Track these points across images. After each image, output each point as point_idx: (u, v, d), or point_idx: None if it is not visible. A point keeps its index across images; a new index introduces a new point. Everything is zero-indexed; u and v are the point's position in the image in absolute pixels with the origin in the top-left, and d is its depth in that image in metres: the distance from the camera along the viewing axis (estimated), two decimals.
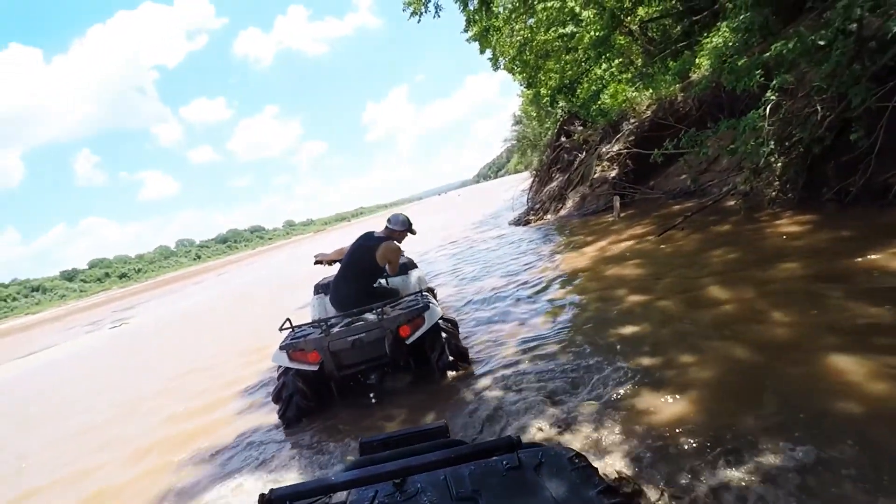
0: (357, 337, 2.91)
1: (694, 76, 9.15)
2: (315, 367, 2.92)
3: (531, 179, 23.66)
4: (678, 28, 13.76)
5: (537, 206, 11.83)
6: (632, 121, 10.01)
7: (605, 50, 14.13)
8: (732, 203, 5.70)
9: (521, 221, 11.33)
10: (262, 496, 0.73)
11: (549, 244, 7.68)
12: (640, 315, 3.40)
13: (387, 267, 3.44)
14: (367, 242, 3.45)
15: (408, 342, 2.98)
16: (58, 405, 6.07)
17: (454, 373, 3.20)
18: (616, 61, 16.17)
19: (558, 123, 13.71)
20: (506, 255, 7.77)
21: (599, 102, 12.97)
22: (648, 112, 9.76)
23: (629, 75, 16.97)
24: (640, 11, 14.26)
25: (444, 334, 3.22)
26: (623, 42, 15.00)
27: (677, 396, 2.22)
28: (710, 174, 7.43)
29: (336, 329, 2.98)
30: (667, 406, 2.17)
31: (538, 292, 4.89)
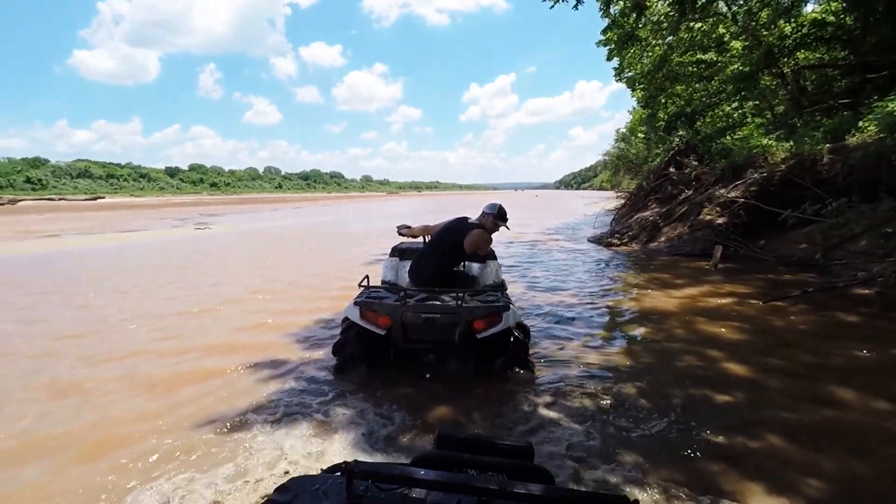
0: (431, 316, 2.87)
1: (852, 140, 8.03)
2: (382, 332, 2.92)
3: (620, 201, 22.53)
4: (843, 82, 12.14)
5: (624, 230, 11.17)
6: (760, 170, 9.03)
7: (745, 87, 12.84)
8: (867, 292, 4.96)
9: (604, 242, 10.77)
10: (346, 465, 0.68)
11: (631, 274, 7.22)
12: (733, 384, 3.04)
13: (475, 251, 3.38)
14: (460, 226, 3.40)
15: (479, 336, 2.89)
16: (144, 282, 6.69)
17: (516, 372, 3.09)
18: (750, 103, 14.68)
19: (670, 152, 12.75)
20: (582, 272, 7.42)
21: (725, 140, 11.89)
22: (782, 166, 8.74)
23: (762, 120, 15.42)
24: (801, 55, 12.75)
25: (515, 339, 3.11)
26: (769, 84, 13.53)
27: None
28: (841, 252, 6.53)
29: (412, 301, 2.96)
30: None
31: (614, 321, 4.59)
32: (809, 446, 2.28)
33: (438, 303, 2.98)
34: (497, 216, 3.40)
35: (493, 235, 3.47)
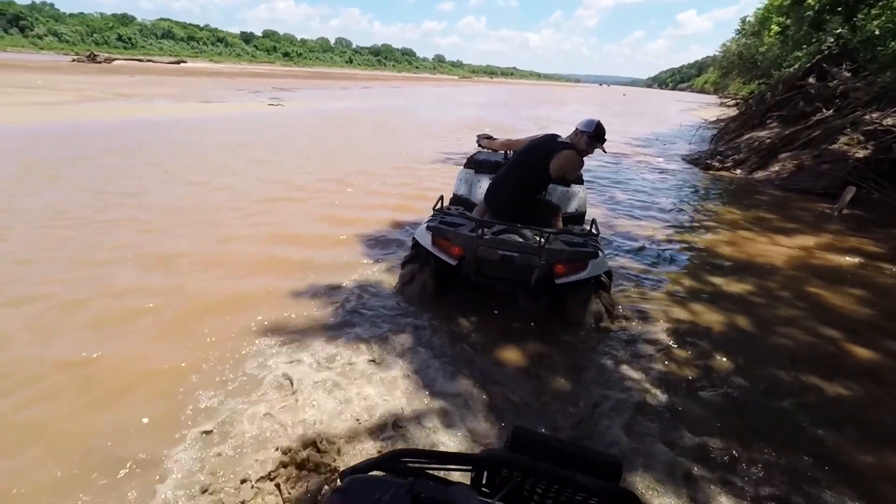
0: (509, 254, 2.58)
1: None
2: (454, 262, 2.70)
3: (726, 111, 19.34)
4: None
5: (729, 151, 9.64)
6: None
7: None
8: None
9: (701, 163, 9.43)
10: (408, 476, 0.62)
11: (732, 208, 6.30)
12: (849, 373, 2.59)
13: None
14: (549, 144, 2.91)
15: (557, 281, 2.60)
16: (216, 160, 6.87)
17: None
18: None
19: (816, 57, 10.22)
20: (673, 198, 6.59)
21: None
22: None
23: None
24: None
25: (598, 288, 2.80)
26: None
27: None
28: None
29: (489, 234, 2.65)
30: None
31: (706, 269, 4.05)
32: None
33: (519, 238, 2.67)
34: (594, 136, 2.88)
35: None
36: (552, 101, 35.69)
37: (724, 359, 2.66)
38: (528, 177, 2.97)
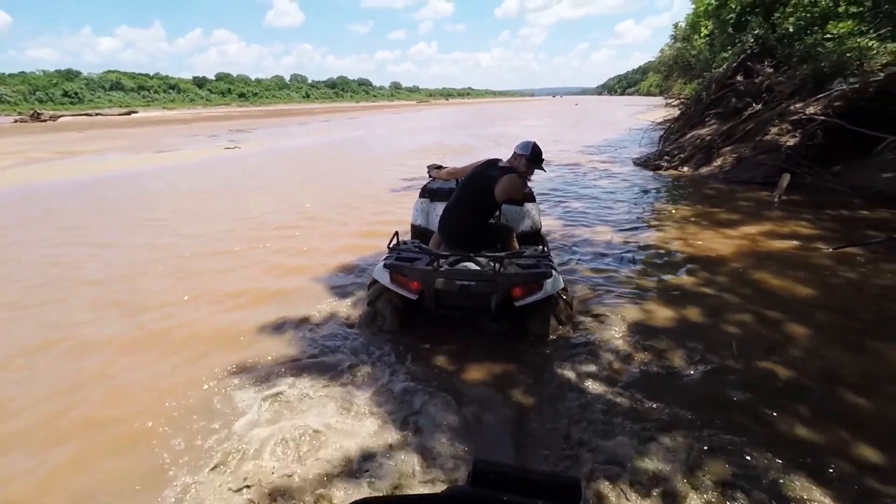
0: (465, 283, 2.65)
1: None
2: (414, 297, 2.75)
3: (671, 111, 20.38)
4: None
5: (675, 151, 10.16)
6: (851, 80, 7.68)
7: None
8: None
9: (650, 164, 9.89)
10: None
11: (681, 205, 6.62)
12: (796, 358, 2.74)
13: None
14: (489, 172, 3.01)
15: (516, 304, 2.68)
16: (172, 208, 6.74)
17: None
18: None
19: (740, 56, 10.99)
20: (626, 202, 6.87)
21: (810, 40, 10.08)
22: (881, 74, 7.38)
23: (858, 9, 12.87)
24: None
25: (555, 304, 2.87)
26: None
27: None
28: None
29: (445, 266, 2.71)
30: None
31: (659, 267, 4.24)
32: (891, 449, 2.03)
33: (474, 267, 2.74)
34: (531, 159, 3.00)
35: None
36: (507, 117, 36.76)
37: (679, 353, 2.78)
38: (476, 204, 3.04)
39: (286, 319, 3.26)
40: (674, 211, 6.34)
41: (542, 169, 3.11)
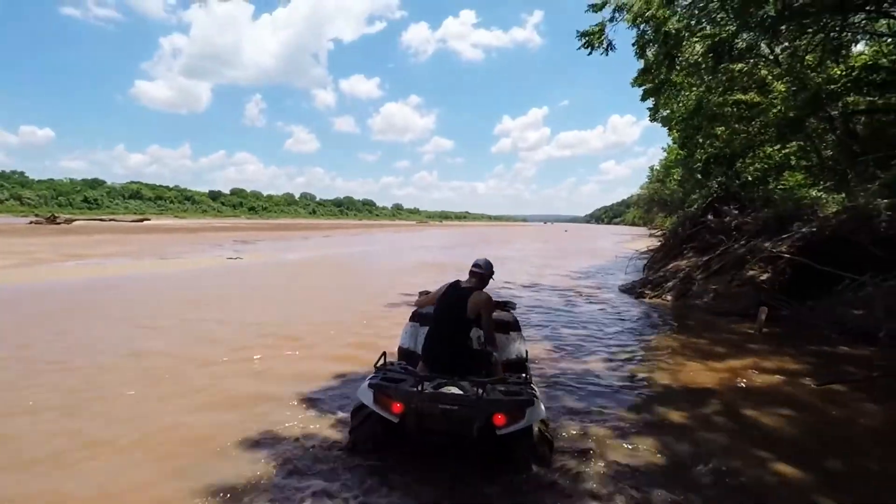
0: (448, 407, 2.63)
1: None
2: (395, 420, 2.69)
3: (653, 241, 21.76)
4: None
5: (658, 280, 10.63)
6: (809, 223, 8.44)
7: (790, 131, 12.23)
8: None
9: (635, 292, 10.26)
10: None
11: (665, 335, 6.73)
12: (785, 499, 2.60)
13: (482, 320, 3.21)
14: (457, 293, 3.22)
15: (498, 433, 2.61)
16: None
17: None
18: (794, 144, 13.92)
19: (708, 199, 12.22)
20: (612, 329, 6.98)
21: (768, 188, 11.31)
22: (833, 220, 8.15)
23: (807, 163, 14.58)
24: (850, 99, 12.08)
25: (537, 436, 2.82)
26: (815, 127, 12.85)
27: None
28: None
29: (429, 388, 2.73)
30: None
31: (645, 400, 4.17)
32: None
33: (458, 391, 2.73)
34: (488, 270, 3.35)
35: (521, 276, 3.30)
36: (502, 240, 38.82)
37: (662, 494, 2.63)
38: (453, 329, 3.16)
39: (265, 433, 3.11)
40: (659, 341, 6.43)
41: (493, 278, 3.43)
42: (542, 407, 2.82)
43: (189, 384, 4.20)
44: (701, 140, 14.98)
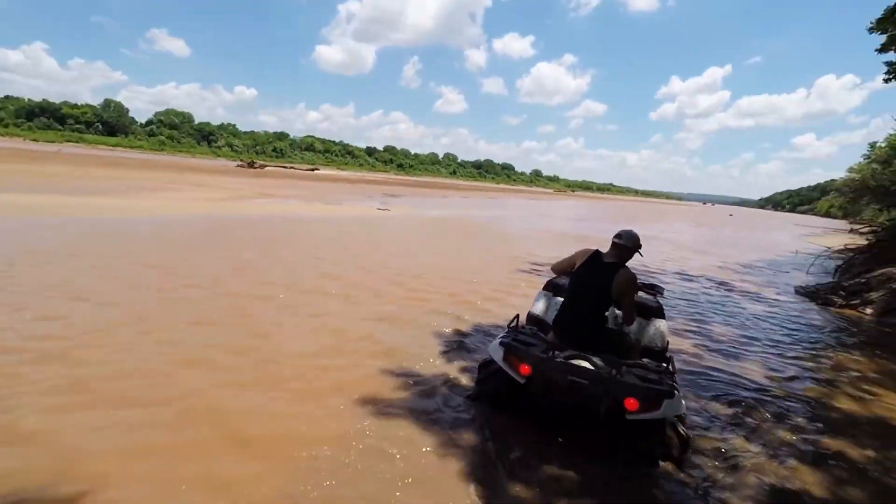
0: (577, 380, 2.59)
1: None
2: (521, 381, 2.76)
3: (856, 240, 17.32)
4: None
5: (856, 287, 8.54)
6: None
7: None
8: None
9: (818, 298, 8.44)
10: None
11: (858, 356, 5.43)
12: None
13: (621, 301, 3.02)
14: (600, 267, 3.02)
15: (628, 417, 2.50)
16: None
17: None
18: None
19: None
20: (780, 335, 5.93)
21: None
22: None
23: None
24: None
25: (671, 432, 2.63)
26: None
27: None
28: None
29: (560, 357, 2.72)
30: None
31: (814, 426, 3.49)
32: None
33: (589, 366, 2.67)
34: (632, 246, 3.11)
35: (671, 263, 3.06)
36: (649, 218, 35.17)
37: None
38: (594, 305, 3.02)
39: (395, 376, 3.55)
40: (846, 360, 5.25)
41: (640, 254, 3.21)
42: (683, 402, 2.60)
43: (363, 306, 4.91)
44: None
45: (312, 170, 67.17)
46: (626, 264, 3.08)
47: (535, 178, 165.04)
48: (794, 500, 2.53)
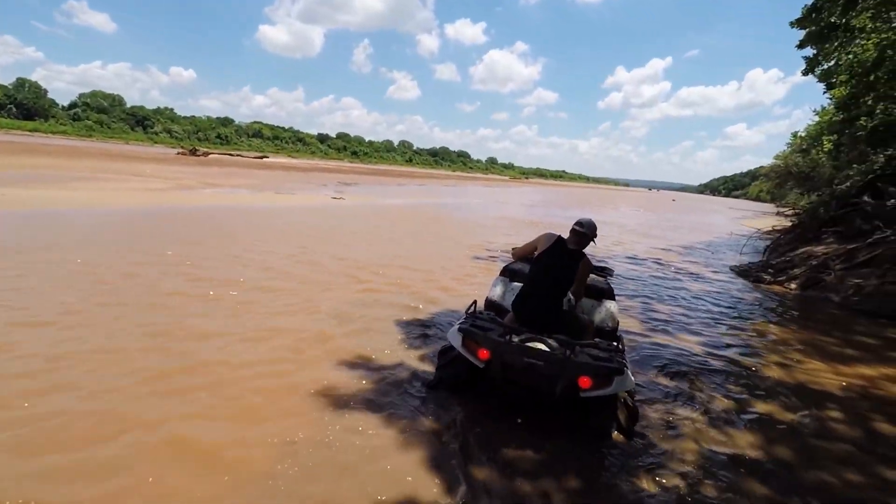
0: (533, 362, 2.67)
1: None
2: (480, 365, 2.83)
3: (782, 221, 18.93)
4: None
5: (782, 265, 9.34)
6: None
7: None
8: None
9: (750, 275, 9.15)
10: None
11: (784, 328, 5.96)
12: None
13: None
14: (569, 257, 3.14)
15: (582, 395, 2.63)
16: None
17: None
18: None
19: (869, 176, 10.13)
20: (717, 312, 6.38)
21: None
22: None
23: None
24: None
25: (622, 406, 2.79)
26: None
27: None
28: None
29: (516, 340, 2.78)
30: None
31: (749, 391, 3.81)
32: None
33: (545, 348, 2.76)
34: (590, 234, 3.22)
35: (618, 247, 3.19)
36: (599, 204, 36.59)
37: (756, 493, 2.46)
38: (556, 290, 3.12)
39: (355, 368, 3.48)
40: (773, 331, 5.75)
41: (595, 242, 3.31)
42: (632, 378, 2.75)
43: (310, 302, 4.75)
44: (872, 102, 12.24)
45: (261, 157, 64.06)
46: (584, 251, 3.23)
47: (491, 165, 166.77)
48: (729, 462, 2.74)
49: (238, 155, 63.56)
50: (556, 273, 3.10)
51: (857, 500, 2.50)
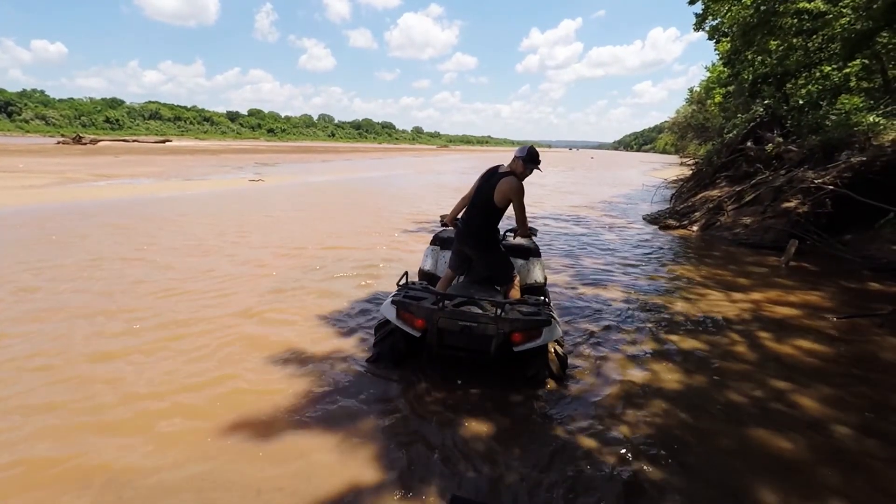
0: (467, 324, 2.76)
1: None
2: (418, 334, 2.87)
3: (684, 170, 20.81)
4: None
5: (685, 210, 10.31)
6: (859, 153, 7.85)
7: (858, 47, 10.89)
8: None
9: (659, 222, 10.02)
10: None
11: (688, 266, 6.66)
12: (798, 429, 2.71)
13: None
14: (490, 180, 3.23)
15: (515, 350, 2.77)
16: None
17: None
18: (858, 61, 12.50)
19: (750, 123, 11.35)
20: (634, 259, 6.94)
21: (819, 113, 10.38)
22: (889, 150, 7.54)
23: (869, 85, 13.28)
24: None
25: (552, 354, 2.97)
26: (887, 42, 11.40)
27: None
28: None
29: (449, 306, 2.83)
30: None
31: (664, 328, 4.23)
32: None
33: (477, 310, 2.86)
34: (527, 159, 3.20)
35: (545, 206, 3.32)
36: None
37: (676, 417, 2.77)
38: (480, 210, 3.25)
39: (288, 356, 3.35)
40: (680, 271, 6.38)
41: (539, 168, 3.30)
42: (559, 328, 2.93)
43: (235, 299, 4.45)
44: (750, 56, 13.57)
45: (163, 142, 57.79)
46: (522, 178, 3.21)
47: (417, 135, 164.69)
48: (650, 392, 3.05)
49: (134, 140, 56.89)
50: (485, 190, 3.20)
51: (761, 412, 2.89)
